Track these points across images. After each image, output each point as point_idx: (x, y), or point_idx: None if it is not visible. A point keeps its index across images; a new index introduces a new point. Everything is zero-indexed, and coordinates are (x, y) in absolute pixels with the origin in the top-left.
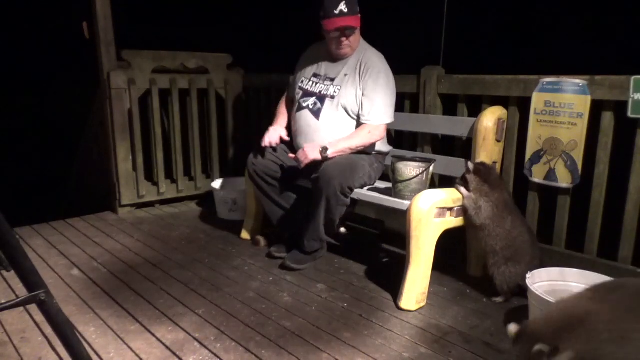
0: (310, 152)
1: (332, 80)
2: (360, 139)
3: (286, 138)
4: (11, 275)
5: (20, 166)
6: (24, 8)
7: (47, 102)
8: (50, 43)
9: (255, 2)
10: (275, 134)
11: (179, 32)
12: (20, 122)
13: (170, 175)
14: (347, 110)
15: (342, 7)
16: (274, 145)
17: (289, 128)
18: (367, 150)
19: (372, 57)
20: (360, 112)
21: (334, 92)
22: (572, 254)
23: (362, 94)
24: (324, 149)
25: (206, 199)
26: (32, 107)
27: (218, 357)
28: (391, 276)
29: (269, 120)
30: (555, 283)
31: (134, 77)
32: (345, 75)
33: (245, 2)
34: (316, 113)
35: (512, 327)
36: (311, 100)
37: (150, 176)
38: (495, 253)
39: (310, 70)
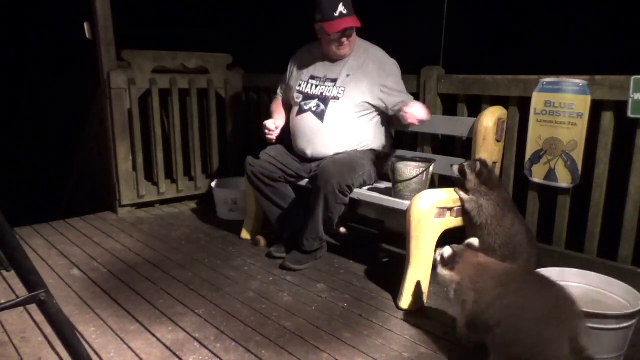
0: (424, 112)
1: (334, 81)
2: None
3: (279, 125)
4: (11, 275)
5: (20, 166)
6: (24, 8)
7: (47, 102)
8: (51, 43)
9: (255, 2)
10: (270, 124)
11: (179, 32)
12: (20, 122)
13: (170, 175)
14: (359, 108)
15: (342, 8)
16: (276, 131)
17: (286, 127)
18: (374, 147)
19: (378, 54)
20: (397, 102)
21: (338, 93)
22: (572, 254)
23: (391, 91)
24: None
25: (206, 199)
26: (32, 107)
27: (218, 357)
28: (391, 276)
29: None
30: None
31: (134, 77)
32: (348, 75)
33: (245, 2)
34: (320, 115)
35: (445, 249)
36: (313, 103)
37: (150, 176)
38: (493, 251)
39: (307, 72)
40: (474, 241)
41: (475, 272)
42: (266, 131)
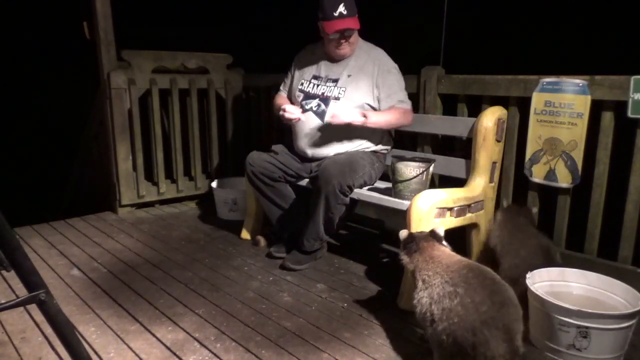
0: (343, 115)
1: (335, 81)
2: (397, 117)
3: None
4: (11, 275)
5: (21, 166)
6: (24, 8)
7: (47, 102)
8: (50, 43)
9: (255, 2)
10: (293, 108)
11: (179, 32)
12: (20, 122)
13: (170, 175)
14: (360, 108)
15: (342, 9)
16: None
17: (287, 127)
18: (375, 148)
19: (379, 55)
20: (388, 104)
21: (339, 93)
22: (572, 254)
23: (383, 90)
24: (363, 114)
25: (206, 199)
26: (32, 107)
27: (218, 357)
28: (391, 276)
29: (269, 120)
30: (555, 283)
31: (134, 77)
32: (349, 76)
33: (245, 2)
34: (320, 115)
35: (403, 232)
36: (314, 103)
37: (150, 176)
38: (504, 271)
39: (309, 72)
40: (439, 230)
41: (426, 264)
42: (286, 115)
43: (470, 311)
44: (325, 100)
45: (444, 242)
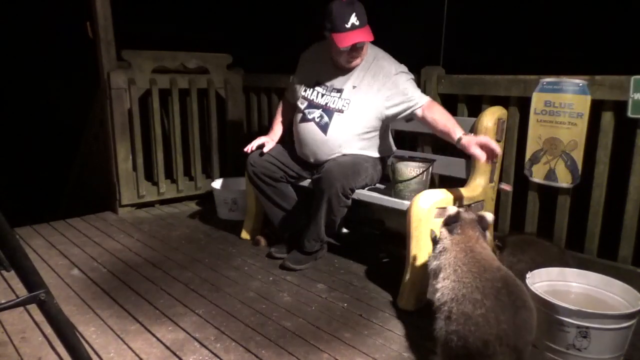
0: (495, 146)
1: (339, 91)
2: (445, 112)
3: (266, 149)
4: (11, 275)
5: (21, 166)
6: (24, 8)
7: (47, 102)
8: (50, 43)
9: (255, 3)
10: (256, 143)
11: (179, 32)
12: (20, 122)
13: (170, 175)
14: (364, 122)
15: (354, 19)
16: (254, 149)
17: (283, 137)
18: (378, 155)
19: (384, 63)
20: (414, 102)
21: (343, 106)
22: (572, 254)
23: (399, 96)
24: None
25: (206, 199)
26: (32, 107)
27: (218, 357)
28: (391, 276)
29: (269, 121)
30: (555, 283)
31: (134, 77)
32: (354, 87)
33: (245, 2)
34: (323, 127)
35: (452, 209)
36: (317, 113)
37: (150, 176)
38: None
39: (313, 77)
40: (488, 216)
41: (463, 255)
42: (254, 144)
43: (491, 324)
44: (328, 111)
45: (487, 233)
